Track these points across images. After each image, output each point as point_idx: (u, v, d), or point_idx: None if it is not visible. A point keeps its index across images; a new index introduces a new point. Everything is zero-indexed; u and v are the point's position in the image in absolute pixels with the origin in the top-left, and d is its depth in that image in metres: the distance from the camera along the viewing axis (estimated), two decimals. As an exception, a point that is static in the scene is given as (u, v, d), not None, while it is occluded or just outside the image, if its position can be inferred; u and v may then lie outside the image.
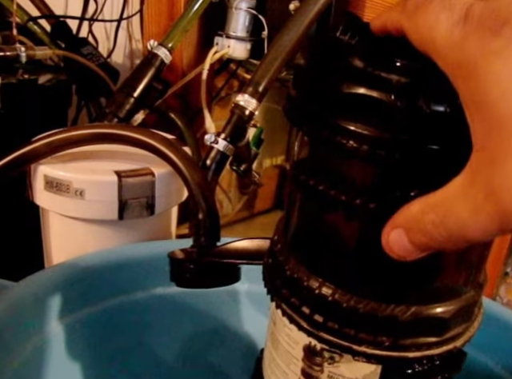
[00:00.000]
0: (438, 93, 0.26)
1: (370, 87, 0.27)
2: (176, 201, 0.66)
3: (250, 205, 1.39)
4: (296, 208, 0.33)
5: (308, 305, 0.32)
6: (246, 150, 0.71)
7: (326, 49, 0.31)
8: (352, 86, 0.27)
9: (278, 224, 0.38)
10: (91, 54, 0.94)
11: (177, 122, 0.86)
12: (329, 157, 0.30)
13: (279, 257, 0.34)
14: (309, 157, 0.32)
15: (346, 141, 0.27)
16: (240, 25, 0.77)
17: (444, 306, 0.31)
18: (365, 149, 0.27)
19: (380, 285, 0.30)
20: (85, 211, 0.59)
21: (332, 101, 0.28)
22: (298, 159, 0.33)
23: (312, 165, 0.32)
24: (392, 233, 0.27)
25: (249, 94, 0.55)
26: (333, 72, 0.29)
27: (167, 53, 0.71)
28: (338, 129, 0.28)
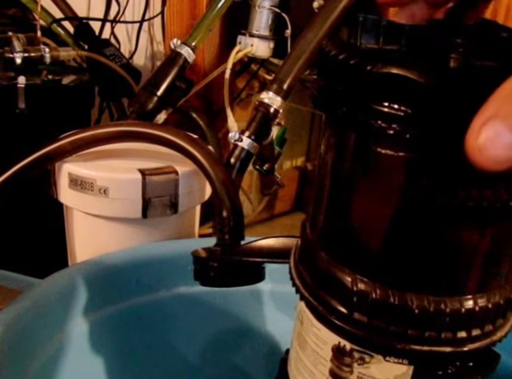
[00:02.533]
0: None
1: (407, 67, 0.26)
2: (199, 199, 0.65)
3: (271, 206, 1.38)
4: (328, 198, 0.33)
5: (341, 301, 0.31)
6: (269, 149, 0.71)
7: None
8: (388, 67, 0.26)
9: (304, 221, 0.37)
10: (114, 55, 0.94)
11: (199, 122, 0.86)
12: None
13: (310, 253, 0.33)
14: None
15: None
16: (263, 23, 0.76)
17: (484, 298, 0.29)
18: (395, 129, 0.26)
19: (417, 276, 0.29)
20: (108, 209, 0.59)
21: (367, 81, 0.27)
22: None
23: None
24: (484, 130, 0.19)
25: (273, 92, 0.54)
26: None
27: (190, 52, 0.71)
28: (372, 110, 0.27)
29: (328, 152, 0.33)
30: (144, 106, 0.69)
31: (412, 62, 0.26)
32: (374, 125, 0.27)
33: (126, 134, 0.55)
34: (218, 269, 0.48)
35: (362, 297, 0.30)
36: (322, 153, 0.34)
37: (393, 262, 0.30)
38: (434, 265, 0.29)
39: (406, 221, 0.29)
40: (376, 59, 0.27)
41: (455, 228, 0.28)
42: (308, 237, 0.34)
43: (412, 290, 0.29)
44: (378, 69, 0.26)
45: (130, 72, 0.94)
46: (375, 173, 0.29)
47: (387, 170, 0.28)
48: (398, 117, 0.26)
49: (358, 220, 0.31)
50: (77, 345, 0.51)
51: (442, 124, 0.26)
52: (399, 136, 0.27)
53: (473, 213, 0.27)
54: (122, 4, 1.15)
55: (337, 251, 0.32)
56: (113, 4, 1.13)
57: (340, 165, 0.31)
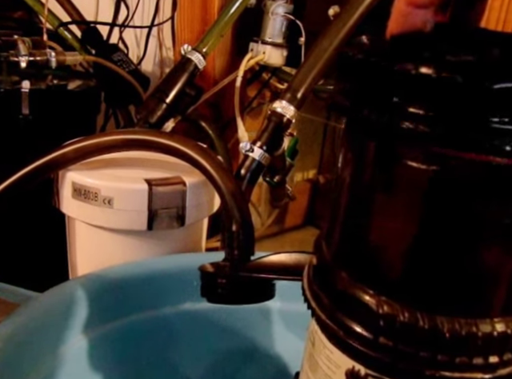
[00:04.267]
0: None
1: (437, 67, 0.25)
2: (207, 212, 0.65)
3: (280, 220, 1.37)
4: (347, 214, 0.32)
5: (365, 325, 0.30)
6: (280, 161, 0.70)
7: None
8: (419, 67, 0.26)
9: (318, 238, 0.36)
10: (121, 61, 0.94)
11: (208, 131, 0.86)
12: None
13: (327, 273, 0.33)
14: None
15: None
16: (276, 30, 0.76)
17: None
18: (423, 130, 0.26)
19: (447, 297, 0.28)
20: (113, 220, 0.58)
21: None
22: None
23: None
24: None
25: (287, 101, 0.54)
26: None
27: (201, 59, 0.70)
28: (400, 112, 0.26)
29: (347, 163, 0.32)
30: (152, 114, 0.69)
31: (444, 63, 0.26)
32: (401, 129, 0.26)
33: (132, 143, 0.54)
34: (226, 286, 0.48)
35: (388, 321, 0.29)
36: (339, 165, 0.33)
37: (421, 283, 0.29)
38: (464, 285, 0.28)
39: (434, 238, 0.28)
40: (405, 60, 0.26)
41: (487, 245, 0.27)
42: (324, 255, 0.34)
43: (442, 312, 0.28)
44: (409, 69, 0.26)
45: (137, 78, 0.94)
46: (400, 184, 0.29)
47: (413, 182, 0.28)
48: (426, 119, 0.26)
49: (381, 237, 0.30)
50: (76, 362, 0.50)
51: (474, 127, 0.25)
52: (426, 141, 0.26)
53: (505, 230, 0.27)
54: (132, 8, 1.16)
55: (358, 271, 0.31)
56: (122, 8, 1.14)
57: (361, 176, 0.31)
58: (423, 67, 0.26)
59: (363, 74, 0.29)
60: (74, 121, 0.85)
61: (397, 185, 0.29)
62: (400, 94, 0.27)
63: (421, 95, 0.26)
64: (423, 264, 0.29)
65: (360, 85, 0.29)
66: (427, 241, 0.28)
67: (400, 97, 0.27)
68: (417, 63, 0.26)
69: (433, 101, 0.26)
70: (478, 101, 0.25)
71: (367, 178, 0.30)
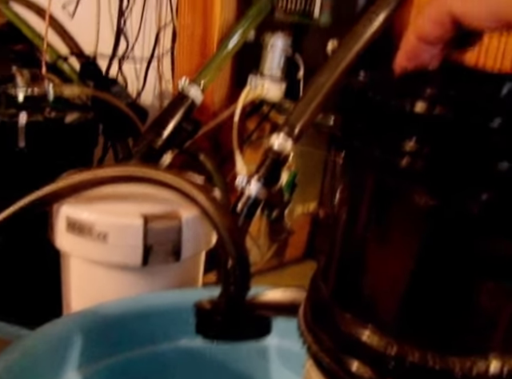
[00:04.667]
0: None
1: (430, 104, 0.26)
2: (204, 246, 0.65)
3: (280, 253, 1.37)
4: (348, 251, 0.32)
5: (373, 367, 0.30)
6: (278, 195, 0.70)
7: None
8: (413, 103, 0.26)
9: (315, 276, 0.36)
10: (120, 94, 0.95)
11: (206, 164, 0.86)
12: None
13: (328, 313, 0.33)
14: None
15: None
16: (275, 64, 0.76)
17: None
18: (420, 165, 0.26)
19: (457, 336, 0.29)
20: (107, 255, 0.58)
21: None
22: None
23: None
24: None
25: (284, 136, 0.54)
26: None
27: (199, 93, 0.71)
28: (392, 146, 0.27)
29: (344, 199, 0.32)
30: (149, 147, 0.70)
31: (441, 99, 0.26)
32: (399, 165, 0.27)
33: (128, 177, 0.55)
34: (222, 323, 0.47)
35: (398, 362, 0.28)
36: (336, 201, 0.34)
37: (430, 322, 0.29)
38: (474, 323, 0.28)
39: (434, 275, 0.28)
40: (404, 96, 0.27)
41: (488, 283, 0.28)
42: (323, 294, 0.33)
43: (452, 352, 0.28)
44: (407, 106, 0.26)
45: (136, 111, 0.95)
46: (396, 220, 0.29)
47: (410, 218, 0.28)
48: (423, 155, 0.26)
49: (382, 275, 0.30)
50: (69, 401, 0.50)
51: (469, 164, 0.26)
52: (423, 176, 0.27)
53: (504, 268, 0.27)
54: (131, 40, 1.17)
55: (363, 311, 0.30)
56: (121, 41, 1.15)
57: (358, 212, 0.31)
58: (418, 104, 0.26)
59: (363, 110, 0.29)
60: (71, 154, 0.86)
61: (394, 221, 0.29)
62: (396, 131, 0.27)
63: (415, 132, 0.26)
64: (429, 302, 0.29)
65: (360, 120, 0.30)
66: (427, 278, 0.28)
67: (396, 134, 0.27)
68: (413, 100, 0.26)
69: (426, 138, 0.26)
70: (468, 140, 0.25)
71: (364, 214, 0.31)
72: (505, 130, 0.25)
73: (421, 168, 0.26)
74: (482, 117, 0.25)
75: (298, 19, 0.79)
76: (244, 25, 0.71)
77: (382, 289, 0.30)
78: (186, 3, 0.94)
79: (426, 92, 0.26)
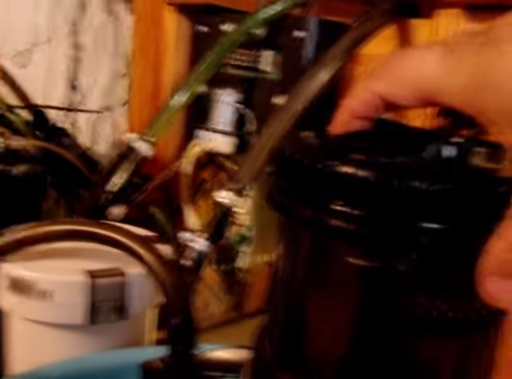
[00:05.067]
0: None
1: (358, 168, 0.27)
2: (150, 303, 0.64)
3: (240, 305, 1.36)
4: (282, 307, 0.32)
5: None
6: (228, 249, 0.71)
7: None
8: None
9: (258, 330, 0.36)
10: (70, 145, 0.95)
11: (158, 218, 0.86)
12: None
13: (265, 368, 0.33)
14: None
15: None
16: (225, 119, 0.78)
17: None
18: (352, 229, 0.27)
19: None
20: (51, 315, 0.57)
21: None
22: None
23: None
24: (487, 283, 0.26)
25: (231, 191, 0.55)
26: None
27: (148, 147, 0.71)
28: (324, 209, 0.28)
29: (283, 256, 0.33)
30: (96, 203, 0.69)
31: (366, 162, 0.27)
32: (330, 225, 0.27)
33: (72, 234, 0.54)
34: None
35: None
36: (276, 258, 0.34)
37: (353, 376, 0.29)
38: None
39: (376, 332, 0.28)
40: (330, 158, 0.28)
41: (426, 339, 0.28)
42: (265, 354, 0.33)
43: None
44: (330, 167, 0.27)
45: (87, 163, 0.95)
46: (331, 279, 0.29)
47: (344, 278, 0.29)
48: (352, 217, 0.27)
49: (324, 334, 0.30)
50: None
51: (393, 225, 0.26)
52: (353, 239, 0.27)
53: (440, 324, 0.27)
54: (84, 92, 1.18)
55: (304, 372, 0.31)
56: (74, 92, 1.16)
57: (297, 269, 0.31)
58: (346, 167, 0.27)
59: (294, 172, 0.30)
60: (19, 206, 0.85)
61: (328, 279, 0.30)
62: (326, 193, 0.28)
63: (343, 194, 0.27)
64: (364, 360, 0.29)
65: (289, 182, 0.31)
66: (363, 336, 0.29)
67: (326, 196, 0.28)
68: (341, 163, 0.27)
69: (353, 200, 0.27)
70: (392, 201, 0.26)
71: (301, 272, 0.31)
72: (429, 192, 0.26)
73: (349, 229, 0.27)
74: (406, 179, 0.26)
75: (247, 74, 0.80)
76: (195, 79, 0.72)
77: (322, 349, 0.30)
78: (139, 56, 0.95)
79: (352, 155, 0.27)
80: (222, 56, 0.72)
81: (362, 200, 0.27)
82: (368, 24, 0.64)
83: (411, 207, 0.26)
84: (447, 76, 0.26)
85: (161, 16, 0.90)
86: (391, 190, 0.26)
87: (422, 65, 0.27)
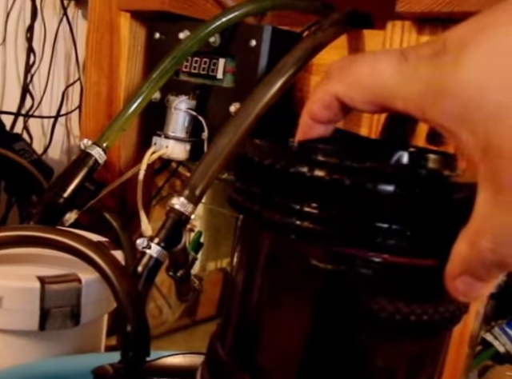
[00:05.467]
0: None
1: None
2: (105, 309, 0.63)
3: (192, 311, 1.35)
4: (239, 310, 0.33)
5: None
6: (182, 255, 0.70)
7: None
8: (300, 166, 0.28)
9: (212, 336, 0.36)
10: (23, 150, 0.93)
11: (112, 223, 0.85)
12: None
13: (218, 369, 0.33)
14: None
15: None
16: (179, 125, 0.78)
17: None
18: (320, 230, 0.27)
19: None
20: (2, 321, 0.56)
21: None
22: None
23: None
24: (457, 283, 0.27)
25: (185, 198, 0.55)
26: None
27: (101, 153, 0.71)
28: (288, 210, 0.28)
29: (242, 262, 0.33)
30: (49, 208, 0.68)
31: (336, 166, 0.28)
32: (300, 227, 0.28)
33: (23, 240, 0.53)
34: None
35: None
36: (234, 263, 0.34)
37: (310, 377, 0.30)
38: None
39: (321, 331, 0.29)
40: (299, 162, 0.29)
41: (381, 342, 0.29)
42: (221, 359, 0.34)
43: None
44: (286, 167, 0.28)
45: (40, 168, 0.93)
46: (293, 281, 0.30)
47: (306, 279, 0.29)
48: (323, 219, 0.28)
49: (281, 338, 0.31)
50: None
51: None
52: (321, 240, 0.28)
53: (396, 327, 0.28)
54: (38, 97, 1.16)
55: (261, 375, 0.31)
56: (27, 97, 1.14)
57: (256, 274, 0.32)
58: (316, 170, 0.27)
59: (263, 177, 0.31)
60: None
61: (288, 283, 0.30)
62: (297, 195, 0.28)
63: (314, 196, 0.28)
64: (320, 366, 0.29)
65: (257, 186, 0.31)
66: (320, 339, 0.29)
67: (297, 198, 0.28)
68: (314, 167, 0.28)
69: (324, 201, 0.27)
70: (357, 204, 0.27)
71: (259, 277, 0.31)
72: (395, 195, 0.26)
73: (317, 230, 0.27)
74: (379, 182, 0.26)
75: (201, 81, 0.81)
76: (148, 86, 0.72)
77: (279, 351, 0.31)
78: (93, 62, 0.94)
79: (324, 159, 0.28)
80: (175, 63, 0.72)
81: (334, 202, 0.27)
82: (320, 34, 0.65)
83: (378, 209, 0.27)
84: (402, 83, 0.27)
85: (116, 22, 0.90)
86: (364, 193, 0.27)
87: (378, 71, 0.27)
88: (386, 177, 0.27)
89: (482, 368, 1.10)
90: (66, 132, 1.24)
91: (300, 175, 0.28)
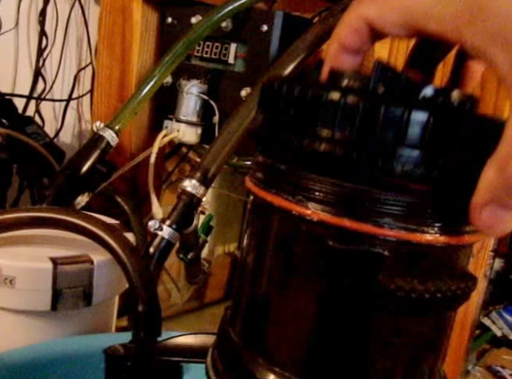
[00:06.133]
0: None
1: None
2: (116, 291, 0.63)
3: (200, 294, 1.36)
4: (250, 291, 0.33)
5: None
6: (193, 238, 0.70)
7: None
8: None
9: (223, 319, 0.36)
10: (36, 134, 0.93)
11: (123, 206, 0.85)
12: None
13: (233, 355, 0.33)
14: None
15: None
16: (190, 109, 0.77)
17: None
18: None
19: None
20: (15, 301, 0.56)
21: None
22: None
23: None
24: (483, 213, 0.26)
25: (197, 180, 0.55)
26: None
27: (114, 136, 0.71)
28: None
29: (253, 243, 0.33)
30: (61, 190, 0.68)
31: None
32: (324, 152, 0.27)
33: (37, 221, 0.53)
34: (132, 369, 0.46)
35: None
36: (244, 245, 0.34)
37: (339, 364, 0.29)
38: (377, 362, 0.29)
39: (334, 313, 0.29)
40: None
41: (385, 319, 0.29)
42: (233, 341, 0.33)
43: None
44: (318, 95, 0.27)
45: (52, 151, 0.93)
46: (304, 261, 0.29)
47: (312, 256, 0.29)
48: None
49: (292, 318, 0.30)
50: None
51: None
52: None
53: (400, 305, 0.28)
54: (50, 81, 1.15)
55: (273, 356, 0.31)
56: (39, 81, 1.14)
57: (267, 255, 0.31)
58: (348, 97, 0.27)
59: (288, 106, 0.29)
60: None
61: (299, 263, 0.30)
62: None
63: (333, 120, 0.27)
64: (331, 344, 0.29)
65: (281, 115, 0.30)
66: (331, 319, 0.29)
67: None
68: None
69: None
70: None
71: (270, 257, 0.31)
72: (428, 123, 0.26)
73: (346, 157, 0.27)
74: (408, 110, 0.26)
75: (213, 66, 0.80)
76: (160, 70, 0.72)
77: (291, 333, 0.31)
78: (105, 46, 0.94)
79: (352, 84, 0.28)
80: (187, 47, 0.72)
81: (367, 129, 0.26)
82: (330, 20, 0.64)
83: (409, 137, 0.26)
84: (439, 3, 0.26)
85: (128, 7, 0.89)
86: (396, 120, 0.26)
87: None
88: (419, 105, 0.26)
89: (480, 351, 1.11)
90: (77, 116, 1.24)
91: (331, 102, 0.27)
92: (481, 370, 1.05)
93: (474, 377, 1.02)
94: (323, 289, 0.29)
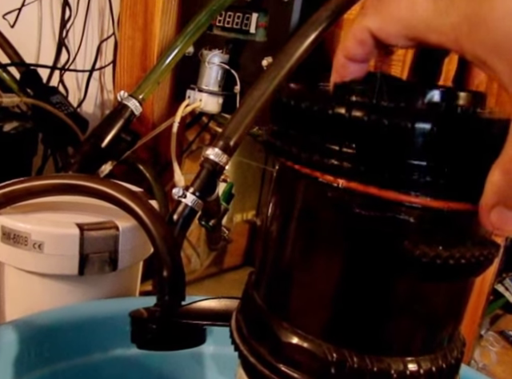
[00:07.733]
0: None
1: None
2: (141, 256, 0.64)
3: (220, 261, 1.36)
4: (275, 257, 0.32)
5: (301, 368, 0.30)
6: (215, 205, 0.70)
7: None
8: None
9: (247, 284, 0.36)
10: (60, 103, 0.93)
11: (145, 174, 0.85)
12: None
13: (258, 319, 0.33)
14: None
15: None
16: (212, 79, 0.77)
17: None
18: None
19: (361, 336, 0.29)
20: (43, 265, 0.57)
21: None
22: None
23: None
24: (492, 215, 0.26)
25: (219, 148, 0.54)
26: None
27: (137, 105, 0.70)
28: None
29: (278, 211, 0.33)
30: (87, 158, 0.68)
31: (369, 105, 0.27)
32: (330, 166, 0.28)
33: (64, 188, 0.53)
34: (157, 331, 0.47)
35: (338, 367, 0.29)
36: (269, 212, 0.34)
37: (364, 326, 0.30)
38: (401, 324, 0.29)
39: (358, 278, 0.29)
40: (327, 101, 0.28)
41: (407, 284, 0.29)
42: (258, 306, 0.33)
43: (387, 354, 0.29)
44: (324, 109, 0.28)
45: (76, 120, 0.93)
46: (326, 223, 0.29)
47: (337, 220, 0.29)
48: (352, 157, 0.27)
49: (317, 283, 0.30)
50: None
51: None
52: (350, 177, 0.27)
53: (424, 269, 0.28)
54: (73, 52, 1.15)
55: (299, 320, 0.31)
56: (63, 51, 1.13)
57: (289, 217, 0.31)
58: (354, 111, 0.27)
59: (296, 119, 0.30)
60: (9, 163, 0.83)
61: (323, 229, 0.29)
62: (328, 135, 0.28)
63: (346, 136, 0.27)
64: (345, 303, 0.29)
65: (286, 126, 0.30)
66: (354, 283, 0.29)
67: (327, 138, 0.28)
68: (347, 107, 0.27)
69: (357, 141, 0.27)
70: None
71: (295, 224, 0.31)
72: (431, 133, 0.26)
73: (355, 171, 0.27)
74: (410, 121, 0.26)
75: (234, 35, 0.79)
76: (182, 40, 0.71)
77: (315, 298, 0.31)
78: (127, 17, 0.93)
79: (358, 99, 0.27)
80: (210, 17, 0.71)
81: (372, 143, 0.27)
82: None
83: (415, 148, 0.26)
84: (438, 15, 0.26)
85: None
86: (401, 133, 0.26)
87: (413, 5, 0.27)
88: (422, 116, 0.26)
89: (494, 316, 1.12)
90: (99, 86, 1.23)
91: (338, 116, 0.27)
92: (494, 335, 1.05)
93: (487, 341, 1.03)
94: (348, 255, 0.29)
